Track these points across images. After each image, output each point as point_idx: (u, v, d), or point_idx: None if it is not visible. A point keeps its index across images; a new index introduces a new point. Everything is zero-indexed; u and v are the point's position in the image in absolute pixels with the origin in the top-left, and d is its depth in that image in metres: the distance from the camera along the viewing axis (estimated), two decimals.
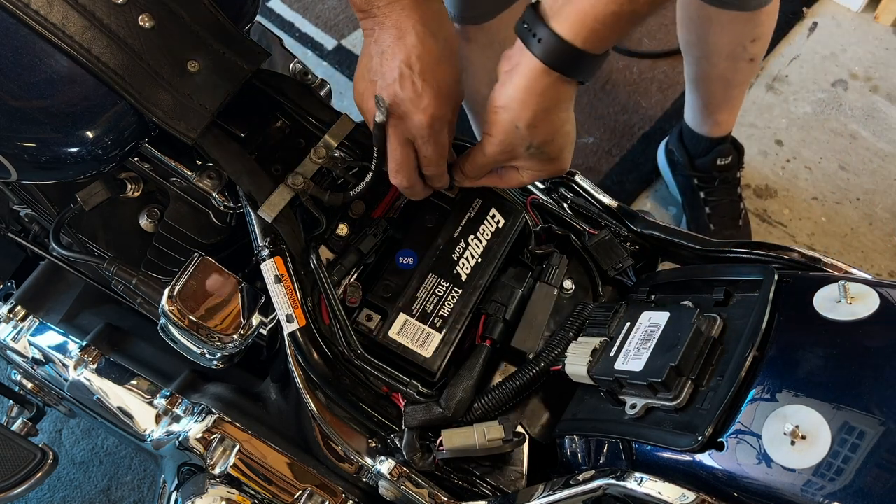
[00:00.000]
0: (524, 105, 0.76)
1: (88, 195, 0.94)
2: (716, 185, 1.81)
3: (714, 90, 1.68)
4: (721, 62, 1.58)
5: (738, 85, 1.67)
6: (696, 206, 1.85)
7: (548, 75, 0.74)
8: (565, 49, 0.72)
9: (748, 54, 1.55)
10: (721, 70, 1.61)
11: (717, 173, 1.80)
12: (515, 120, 0.78)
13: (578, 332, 0.86)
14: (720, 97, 1.70)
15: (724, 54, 1.56)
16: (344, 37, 2.21)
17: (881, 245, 1.88)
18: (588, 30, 0.71)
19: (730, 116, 1.76)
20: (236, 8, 0.91)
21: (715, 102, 1.71)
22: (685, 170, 1.85)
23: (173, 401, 1.05)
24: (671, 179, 1.93)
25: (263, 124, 0.93)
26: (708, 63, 1.61)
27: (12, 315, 1.16)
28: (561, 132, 0.83)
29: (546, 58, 0.73)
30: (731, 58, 1.56)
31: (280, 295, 0.83)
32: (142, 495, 1.62)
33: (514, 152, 0.82)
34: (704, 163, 1.80)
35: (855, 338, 0.69)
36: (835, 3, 2.25)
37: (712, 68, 1.61)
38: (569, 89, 0.78)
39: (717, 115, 1.74)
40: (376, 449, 0.87)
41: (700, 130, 1.78)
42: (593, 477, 0.74)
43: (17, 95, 0.79)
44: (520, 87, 0.76)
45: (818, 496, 0.61)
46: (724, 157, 1.78)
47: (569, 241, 0.96)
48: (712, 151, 1.78)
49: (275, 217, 0.85)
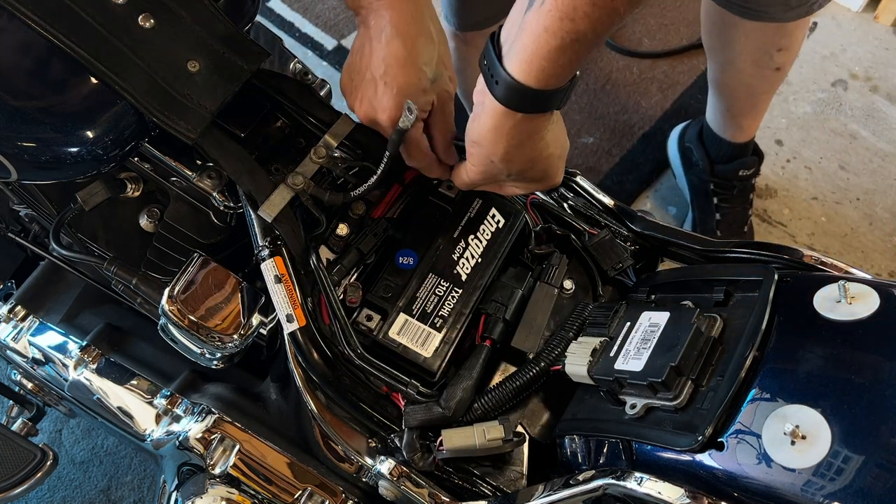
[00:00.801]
0: (495, 142, 0.76)
1: (88, 195, 0.94)
2: (734, 193, 1.75)
3: (738, 96, 1.60)
4: (746, 69, 1.50)
5: (763, 93, 1.59)
6: (706, 210, 1.79)
7: (511, 116, 0.73)
8: (521, 90, 0.70)
9: (774, 63, 1.47)
10: (746, 77, 1.53)
11: (737, 182, 1.73)
12: (490, 155, 0.78)
13: (578, 332, 0.86)
14: (744, 104, 1.62)
15: (748, 61, 1.48)
16: (344, 37, 2.21)
17: (881, 245, 1.88)
18: (537, 69, 0.68)
19: (754, 122, 1.68)
20: (236, 8, 0.91)
21: (738, 107, 1.63)
22: (703, 174, 1.77)
23: (173, 401, 1.05)
24: (682, 174, 1.86)
25: (263, 124, 0.93)
26: (732, 68, 1.53)
27: (12, 315, 1.16)
28: (540, 158, 0.80)
29: (505, 100, 0.71)
30: (756, 65, 1.48)
31: (280, 295, 0.83)
32: (142, 495, 1.62)
33: (496, 178, 0.83)
34: (726, 170, 1.73)
35: (855, 338, 0.69)
36: (835, 3, 2.25)
37: (737, 74, 1.53)
38: (540, 120, 0.75)
39: (741, 119, 1.66)
40: (376, 449, 0.87)
41: (722, 134, 1.70)
42: (593, 477, 0.74)
43: (17, 95, 0.79)
44: (488, 126, 0.75)
45: (818, 496, 0.61)
46: (747, 168, 1.71)
47: (569, 241, 0.96)
48: (735, 161, 1.71)
49: (275, 217, 0.85)
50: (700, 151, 1.78)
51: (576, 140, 2.01)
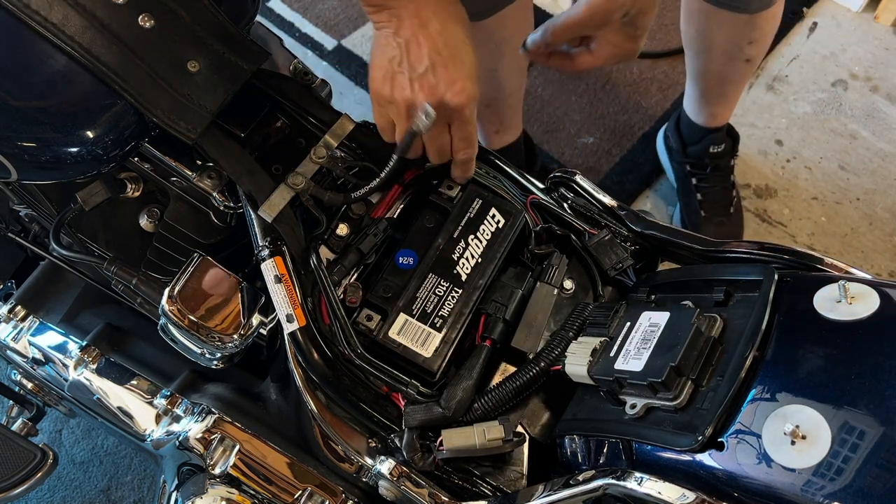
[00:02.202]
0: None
1: (88, 195, 0.94)
2: (707, 172, 1.82)
3: (710, 84, 1.69)
4: (718, 58, 1.59)
5: (734, 82, 1.68)
6: (688, 192, 1.86)
7: None
8: None
9: (744, 55, 1.56)
10: (717, 66, 1.62)
11: (709, 160, 1.81)
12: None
13: (578, 332, 0.86)
14: (716, 91, 1.71)
15: (720, 51, 1.57)
16: (344, 37, 2.21)
17: (881, 245, 1.88)
18: None
19: (725, 110, 1.77)
20: (236, 8, 0.91)
21: (711, 96, 1.72)
22: (679, 156, 1.86)
23: (173, 401, 1.05)
24: (668, 166, 1.93)
25: (263, 124, 0.93)
26: (706, 58, 1.62)
27: (12, 315, 1.16)
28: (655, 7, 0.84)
29: None
30: (728, 56, 1.57)
31: (280, 295, 0.83)
32: (142, 495, 1.62)
33: (607, 18, 0.84)
34: (697, 150, 1.81)
35: (855, 338, 0.69)
36: (835, 3, 2.25)
37: (709, 63, 1.63)
38: None
39: (713, 107, 1.75)
40: (376, 449, 0.87)
41: (696, 120, 1.79)
42: (593, 477, 0.74)
43: (17, 95, 0.79)
44: None
45: (818, 496, 0.61)
46: (717, 144, 1.79)
47: (569, 241, 0.96)
48: (705, 139, 1.79)
49: (275, 217, 0.85)
50: (675, 136, 1.87)
51: (576, 140, 2.02)
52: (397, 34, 0.82)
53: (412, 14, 0.81)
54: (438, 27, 0.81)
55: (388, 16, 0.82)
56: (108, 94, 0.80)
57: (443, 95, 0.82)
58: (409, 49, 0.82)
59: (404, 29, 0.82)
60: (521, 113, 1.76)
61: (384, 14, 0.82)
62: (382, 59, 0.84)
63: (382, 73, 0.84)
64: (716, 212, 1.83)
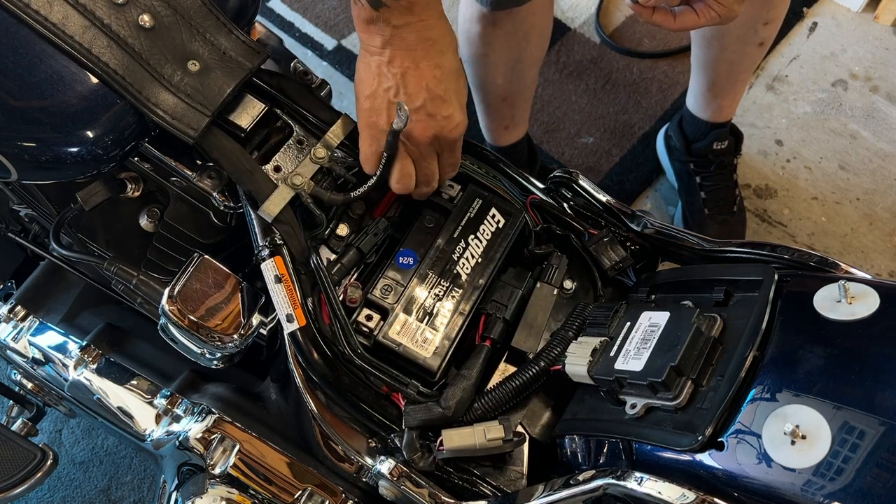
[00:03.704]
0: None
1: (88, 195, 0.94)
2: (711, 170, 1.81)
3: (720, 74, 1.68)
4: (731, 45, 1.58)
5: (744, 70, 1.67)
6: (691, 190, 1.85)
7: None
8: None
9: (759, 38, 1.55)
10: (729, 53, 1.61)
11: (713, 157, 1.80)
12: None
13: (578, 332, 0.86)
14: (725, 81, 1.69)
15: (734, 37, 1.56)
16: (344, 37, 2.21)
17: (881, 245, 1.88)
18: None
19: (732, 102, 1.76)
20: (236, 8, 0.91)
21: (719, 86, 1.71)
22: (682, 155, 1.85)
23: (173, 401, 1.05)
24: (669, 167, 1.93)
25: (263, 124, 0.93)
26: (718, 45, 1.60)
27: (12, 315, 1.16)
28: None
29: None
30: (741, 41, 1.56)
31: (280, 295, 0.83)
32: (142, 495, 1.62)
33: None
34: (701, 147, 1.80)
35: (855, 338, 0.69)
36: (835, 3, 2.25)
37: (722, 52, 1.61)
38: None
39: (721, 99, 1.74)
40: (376, 449, 0.87)
41: (701, 115, 1.78)
42: (593, 477, 0.74)
43: (17, 95, 0.79)
44: None
45: (818, 496, 0.61)
46: (720, 141, 1.78)
47: (569, 241, 0.96)
48: (709, 135, 1.78)
49: (275, 217, 0.85)
50: (678, 135, 1.86)
51: (576, 140, 2.01)
52: (392, 63, 0.82)
53: (410, 44, 0.80)
54: (437, 60, 0.81)
55: (381, 41, 0.81)
56: (108, 94, 0.80)
57: (440, 130, 0.84)
58: (406, 82, 0.82)
59: (398, 59, 0.81)
60: (530, 111, 1.76)
61: (376, 38, 0.81)
62: (376, 88, 0.83)
63: (377, 102, 0.83)
64: (719, 210, 1.82)
